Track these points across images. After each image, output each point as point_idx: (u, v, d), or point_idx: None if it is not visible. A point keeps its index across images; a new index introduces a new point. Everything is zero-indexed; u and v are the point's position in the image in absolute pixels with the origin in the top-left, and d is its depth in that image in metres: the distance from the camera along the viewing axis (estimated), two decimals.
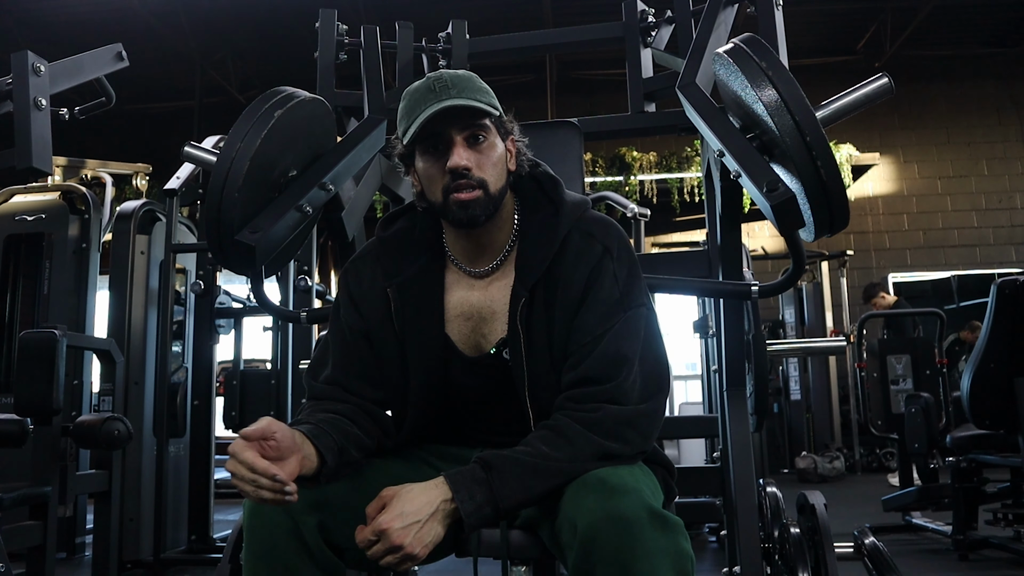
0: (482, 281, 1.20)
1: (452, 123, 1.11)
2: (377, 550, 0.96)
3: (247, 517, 1.07)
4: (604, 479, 0.99)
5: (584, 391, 1.09)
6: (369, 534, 0.96)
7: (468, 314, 1.19)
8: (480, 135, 1.14)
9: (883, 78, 1.23)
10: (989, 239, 8.39)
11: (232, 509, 4.69)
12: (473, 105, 1.11)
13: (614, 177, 7.69)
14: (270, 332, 4.17)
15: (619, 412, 1.07)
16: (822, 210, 1.13)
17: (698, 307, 3.18)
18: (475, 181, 1.11)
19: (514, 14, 7.63)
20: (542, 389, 1.14)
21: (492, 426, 1.24)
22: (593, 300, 1.12)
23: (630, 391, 1.09)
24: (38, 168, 1.73)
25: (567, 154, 1.95)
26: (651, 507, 0.94)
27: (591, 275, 1.13)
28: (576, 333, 1.12)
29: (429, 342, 1.18)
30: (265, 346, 4.44)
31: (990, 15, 8.26)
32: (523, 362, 1.14)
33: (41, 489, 2.33)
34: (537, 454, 1.03)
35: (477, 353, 1.20)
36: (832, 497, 1.89)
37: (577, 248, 1.15)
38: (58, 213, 3.79)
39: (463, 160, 1.11)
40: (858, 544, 2.04)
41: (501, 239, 1.19)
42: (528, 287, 1.14)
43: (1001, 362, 2.77)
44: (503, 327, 1.17)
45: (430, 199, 1.17)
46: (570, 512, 0.98)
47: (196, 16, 7.60)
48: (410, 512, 0.96)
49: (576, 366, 1.11)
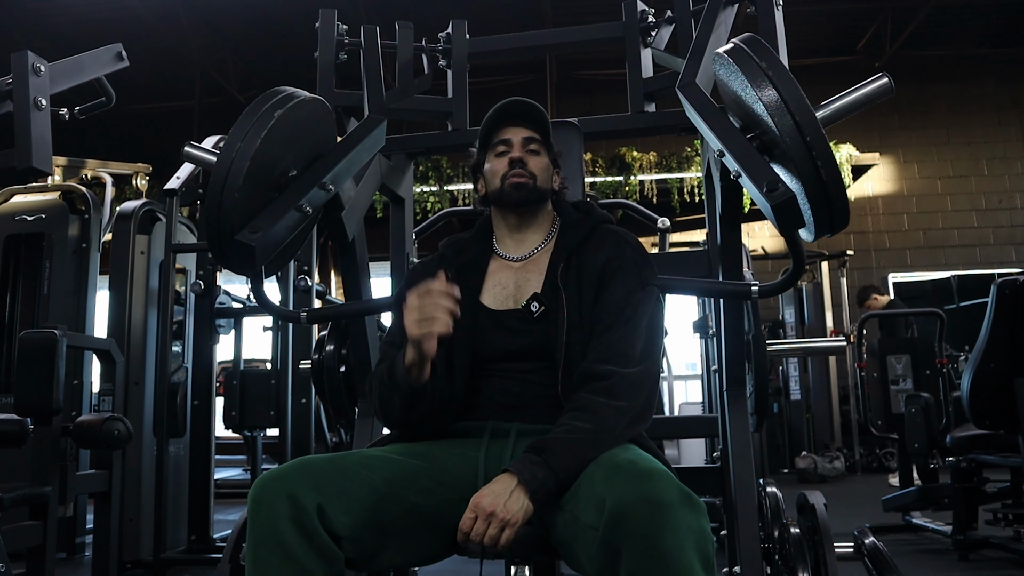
0: (518, 263, 1.47)
1: (516, 134, 1.47)
2: (479, 526, 1.10)
3: (250, 503, 1.12)
4: (634, 461, 1.08)
5: (601, 367, 1.27)
6: (468, 513, 1.11)
7: (503, 284, 1.44)
8: (534, 147, 1.47)
9: (883, 78, 1.23)
10: (989, 239, 8.39)
11: (232, 509, 4.70)
12: (530, 113, 1.48)
13: (614, 177, 7.69)
14: (270, 332, 4.18)
15: (630, 374, 1.26)
16: (822, 210, 1.13)
17: (698, 307, 3.18)
18: (527, 172, 1.44)
19: (514, 14, 7.63)
20: (573, 336, 1.34)
21: (507, 386, 1.36)
22: (620, 280, 1.37)
23: (637, 356, 1.29)
24: (38, 168, 1.73)
25: (567, 154, 1.95)
26: (681, 488, 1.03)
27: (613, 259, 1.39)
28: (604, 306, 1.35)
29: (466, 307, 1.35)
30: (265, 346, 4.45)
31: (990, 15, 8.26)
32: (562, 315, 1.35)
33: (41, 489, 2.33)
34: (573, 430, 1.18)
35: (504, 307, 1.41)
36: (832, 497, 1.89)
37: (600, 240, 1.44)
38: (58, 213, 3.79)
39: (520, 154, 1.45)
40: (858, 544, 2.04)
41: (539, 235, 1.48)
42: (563, 257, 1.41)
43: (1001, 362, 2.77)
44: (534, 291, 1.40)
45: (490, 189, 1.48)
46: (599, 493, 1.05)
47: (196, 16, 7.60)
48: (496, 492, 1.11)
49: (603, 333, 1.32)
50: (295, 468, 1.14)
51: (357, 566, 1.19)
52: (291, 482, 1.11)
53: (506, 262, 1.47)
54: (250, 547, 1.11)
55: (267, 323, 4.46)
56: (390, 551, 1.20)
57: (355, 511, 1.14)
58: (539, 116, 1.48)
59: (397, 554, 1.21)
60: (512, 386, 1.36)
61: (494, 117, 1.48)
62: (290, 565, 1.08)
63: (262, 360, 5.92)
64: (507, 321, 1.39)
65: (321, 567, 1.10)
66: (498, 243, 1.50)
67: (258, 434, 4.03)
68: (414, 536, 1.22)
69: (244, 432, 3.96)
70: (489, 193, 1.49)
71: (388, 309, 1.65)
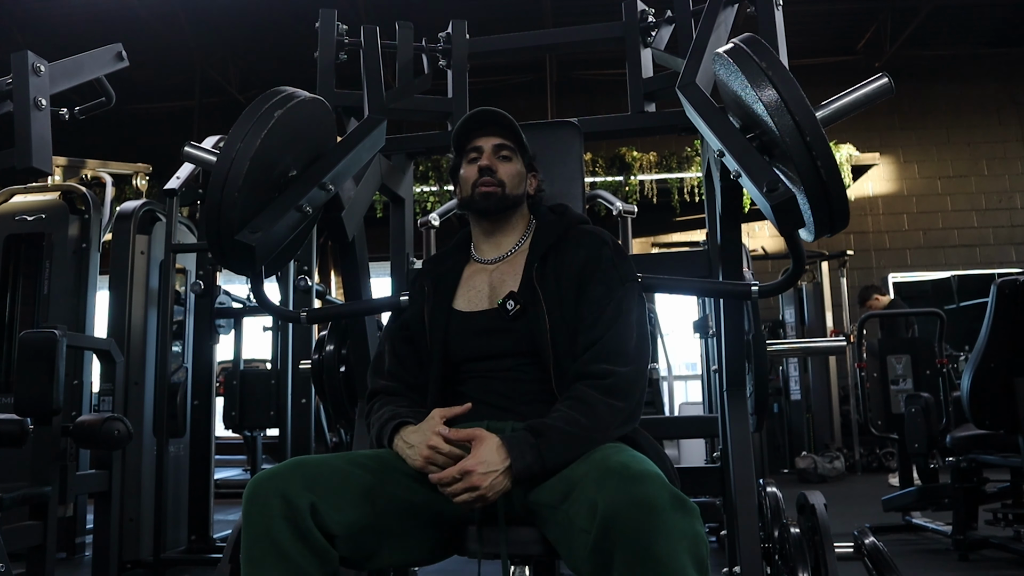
0: (491, 266, 1.49)
1: (487, 141, 1.49)
2: (457, 487, 1.13)
3: (244, 503, 1.13)
4: (627, 464, 1.07)
5: (598, 365, 1.28)
6: (455, 472, 1.13)
7: (477, 287, 1.46)
8: (505, 153, 1.49)
9: (883, 78, 1.23)
10: (989, 239, 8.38)
11: (232, 509, 4.70)
12: (501, 121, 1.49)
13: (614, 177, 7.68)
14: (270, 332, 4.18)
15: (626, 373, 1.28)
16: (822, 210, 1.12)
17: (698, 307, 3.18)
18: (495, 180, 1.45)
19: (514, 14, 7.63)
20: (557, 333, 1.35)
21: (493, 386, 1.38)
22: (600, 278, 1.37)
23: (632, 355, 1.31)
24: (38, 168, 1.73)
25: (567, 154, 1.95)
26: (673, 491, 1.03)
27: (591, 259, 1.40)
28: (587, 304, 1.36)
29: (440, 314, 1.43)
30: (265, 346, 4.45)
31: (990, 15, 8.26)
32: (542, 312, 1.36)
33: (41, 489, 2.33)
34: (571, 421, 1.21)
35: (477, 309, 1.43)
36: (832, 497, 1.89)
37: (577, 240, 1.44)
38: (58, 213, 3.79)
39: (489, 161, 1.47)
40: (858, 544, 2.04)
41: (513, 238, 1.50)
42: (538, 256, 1.42)
43: (1001, 362, 2.77)
44: (509, 290, 1.41)
45: (463, 196, 1.50)
46: (592, 496, 1.04)
47: (196, 16, 7.60)
48: (492, 462, 1.14)
49: (590, 330, 1.32)
50: (289, 467, 1.15)
51: (355, 565, 1.19)
52: (284, 481, 1.12)
53: (481, 265, 1.50)
54: (244, 546, 1.12)
55: (267, 323, 4.46)
56: (388, 550, 1.20)
57: (350, 510, 1.14)
58: (509, 123, 1.50)
59: (395, 553, 1.22)
60: (498, 386, 1.37)
61: (466, 125, 1.51)
62: (284, 564, 1.08)
63: (262, 360, 5.92)
64: (481, 321, 1.41)
65: (315, 566, 1.10)
66: (475, 248, 1.54)
67: (258, 434, 4.03)
68: (412, 535, 1.23)
69: (244, 432, 3.96)
70: (463, 199, 1.52)
71: (388, 309, 1.65)
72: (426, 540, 1.25)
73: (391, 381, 1.44)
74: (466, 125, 1.51)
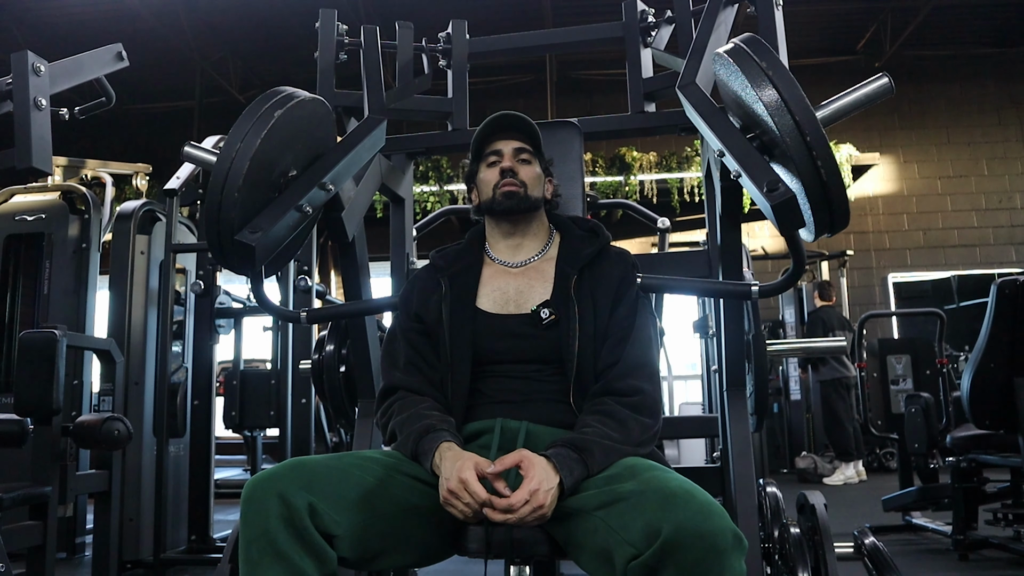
0: (517, 269, 1.50)
1: (507, 145, 1.52)
2: (526, 510, 1.13)
3: (242, 503, 1.13)
4: (691, 493, 1.07)
5: (625, 382, 1.33)
6: (525, 495, 1.13)
7: (502, 289, 1.46)
8: (525, 156, 1.52)
9: (883, 78, 1.23)
10: (989, 239, 8.39)
11: (232, 509, 4.69)
12: (521, 125, 1.52)
13: (614, 177, 7.69)
14: (270, 332, 4.18)
15: (652, 391, 1.35)
16: (822, 210, 1.12)
17: (698, 307, 3.18)
18: (518, 181, 1.48)
19: (514, 14, 7.63)
20: (585, 345, 1.38)
21: (511, 385, 1.39)
22: (626, 298, 1.43)
23: (655, 372, 1.39)
24: (38, 168, 1.73)
25: (567, 154, 1.95)
26: (734, 529, 1.04)
27: (625, 277, 1.45)
28: (614, 320, 1.40)
29: (463, 312, 1.43)
30: (265, 346, 4.45)
31: (990, 15, 8.26)
32: (574, 324, 1.38)
33: (41, 489, 2.33)
34: (606, 436, 1.24)
35: (504, 311, 1.43)
36: (832, 497, 1.89)
37: (613, 257, 1.49)
38: (58, 213, 3.79)
39: (511, 163, 1.50)
40: (858, 544, 2.04)
41: (536, 243, 1.53)
42: (576, 269, 1.44)
43: (1001, 362, 2.77)
44: (540, 297, 1.43)
45: (483, 199, 1.52)
46: (653, 516, 1.04)
47: (196, 16, 7.60)
48: (549, 479, 1.16)
49: (617, 346, 1.37)
50: (287, 468, 1.15)
51: (354, 566, 1.19)
52: (282, 482, 1.12)
53: (502, 267, 1.50)
54: (242, 547, 1.12)
55: (267, 323, 4.46)
56: (387, 551, 1.20)
57: (349, 510, 1.14)
58: (529, 127, 1.53)
59: (395, 554, 1.22)
60: (516, 385, 1.38)
61: (486, 130, 1.53)
62: (282, 564, 1.08)
63: (262, 360, 5.92)
64: (509, 325, 1.41)
65: (313, 566, 1.10)
66: (492, 250, 1.54)
67: (258, 434, 4.03)
68: (412, 536, 1.23)
69: (244, 432, 3.97)
70: (482, 202, 1.53)
71: (388, 309, 1.65)
72: (426, 541, 1.25)
73: (410, 375, 1.42)
74: (487, 129, 1.53)
